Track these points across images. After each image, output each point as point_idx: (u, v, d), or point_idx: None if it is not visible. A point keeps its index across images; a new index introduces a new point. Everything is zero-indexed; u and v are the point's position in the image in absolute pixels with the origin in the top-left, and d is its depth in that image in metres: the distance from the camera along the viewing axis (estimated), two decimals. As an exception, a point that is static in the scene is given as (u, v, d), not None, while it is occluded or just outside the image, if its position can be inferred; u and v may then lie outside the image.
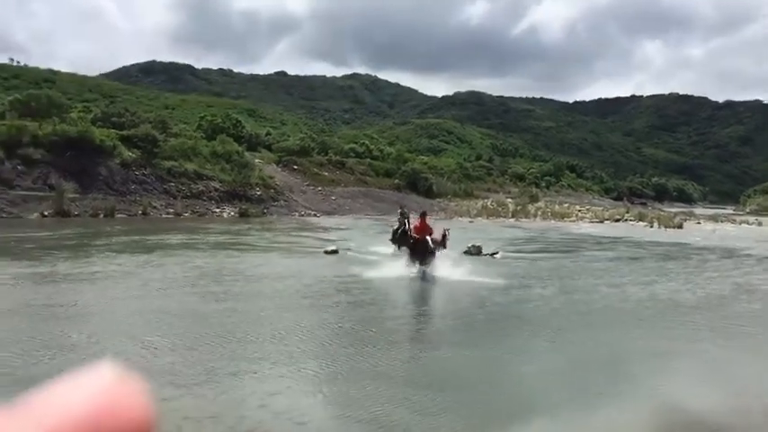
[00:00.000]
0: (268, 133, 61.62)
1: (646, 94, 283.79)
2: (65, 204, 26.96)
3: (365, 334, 8.44)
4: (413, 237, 14.02)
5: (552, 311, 10.56)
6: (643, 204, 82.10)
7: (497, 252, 19.06)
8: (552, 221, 40.90)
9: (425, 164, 62.15)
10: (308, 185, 43.55)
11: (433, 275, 13.23)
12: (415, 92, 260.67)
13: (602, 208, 59.18)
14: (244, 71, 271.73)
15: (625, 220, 42.63)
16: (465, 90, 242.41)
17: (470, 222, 36.28)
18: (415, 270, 13.46)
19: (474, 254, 18.07)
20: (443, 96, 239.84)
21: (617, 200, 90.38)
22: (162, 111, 70.65)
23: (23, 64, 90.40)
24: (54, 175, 28.44)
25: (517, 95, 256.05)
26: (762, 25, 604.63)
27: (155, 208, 30.45)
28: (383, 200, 46.18)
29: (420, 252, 13.66)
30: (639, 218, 42.56)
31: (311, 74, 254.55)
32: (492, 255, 18.60)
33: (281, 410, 5.52)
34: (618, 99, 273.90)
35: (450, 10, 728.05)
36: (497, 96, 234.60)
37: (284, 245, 19.91)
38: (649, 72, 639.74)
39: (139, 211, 29.42)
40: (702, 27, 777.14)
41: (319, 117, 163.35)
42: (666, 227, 35.98)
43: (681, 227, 36.31)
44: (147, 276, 12.54)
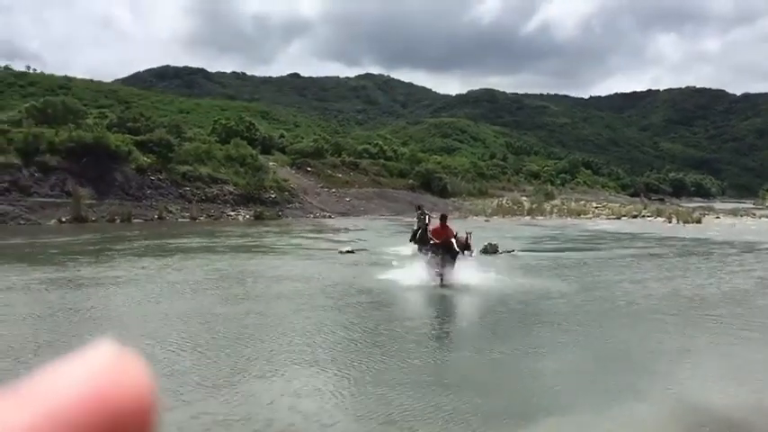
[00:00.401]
0: (282, 135, 61.88)
1: (662, 88, 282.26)
2: (82, 210, 27.29)
3: (388, 335, 8.43)
4: (434, 240, 12.83)
5: (575, 308, 10.48)
6: (660, 200, 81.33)
7: (513, 250, 19.03)
8: (568, 219, 40.66)
9: (439, 163, 62.05)
10: (322, 187, 43.67)
11: (454, 279, 12.30)
12: (429, 91, 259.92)
13: (618, 204, 58.65)
14: (257, 74, 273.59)
15: (642, 216, 42.26)
16: (478, 88, 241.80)
17: (486, 221, 36.19)
18: (436, 272, 12.41)
19: (491, 252, 18.04)
20: (457, 95, 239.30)
21: (633, 196, 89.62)
22: (176, 115, 71.34)
23: (39, 71, 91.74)
24: (71, 182, 28.80)
25: (531, 92, 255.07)
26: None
27: (170, 212, 30.70)
28: (397, 200, 46.18)
29: (443, 252, 12.51)
30: (657, 214, 42.13)
31: (324, 75, 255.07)
32: (509, 252, 18.58)
33: (310, 412, 5.53)
34: (634, 93, 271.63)
35: (463, 8, 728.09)
36: (511, 93, 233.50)
37: (301, 247, 19.98)
38: (665, 66, 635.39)
39: (155, 216, 29.70)
40: (718, 19, 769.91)
41: (333, 118, 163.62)
42: (685, 222, 35.59)
43: (700, 222, 35.90)
44: (170, 279, 12.68)
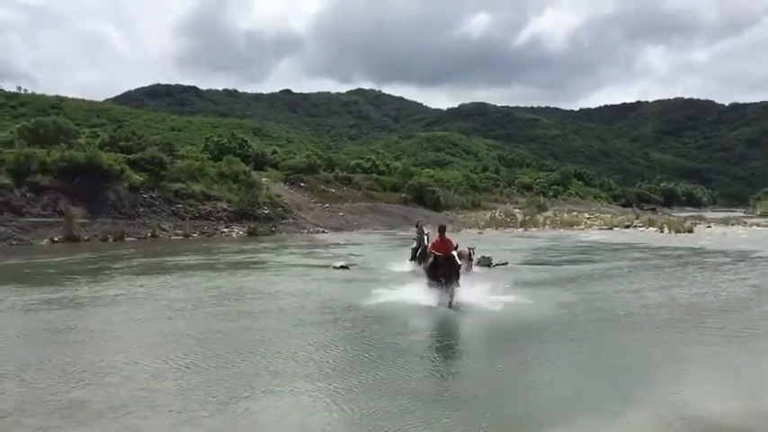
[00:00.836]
0: (274, 152, 61.98)
1: (651, 99, 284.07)
2: (74, 230, 27.16)
3: (391, 349, 8.44)
4: (435, 254, 12.08)
5: (574, 319, 10.54)
6: (652, 210, 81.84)
7: (507, 263, 19.09)
8: (561, 230, 40.89)
9: (432, 177, 62.30)
10: (315, 202, 43.69)
11: (458, 298, 11.43)
12: (420, 105, 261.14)
13: (610, 215, 59.02)
14: (248, 90, 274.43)
15: (634, 226, 42.51)
16: (469, 102, 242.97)
17: (479, 234, 36.29)
18: (438, 291, 11.60)
19: (484, 265, 18.04)
20: (448, 109, 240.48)
21: (625, 206, 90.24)
22: (168, 133, 71.35)
23: (30, 92, 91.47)
24: (63, 201, 28.70)
25: (522, 105, 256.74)
26: (765, 26, 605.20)
27: (164, 230, 30.59)
28: (391, 214, 46.27)
29: (445, 270, 11.70)
30: (649, 224, 42.42)
31: (316, 91, 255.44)
32: (503, 265, 18.62)
33: (318, 429, 5.56)
34: (623, 105, 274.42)
35: (452, 22, 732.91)
36: (502, 107, 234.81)
37: (296, 262, 19.96)
38: (654, 77, 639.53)
39: (149, 234, 29.58)
40: (705, 31, 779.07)
41: (325, 134, 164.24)
42: (677, 232, 35.83)
43: (691, 231, 36.15)
44: (170, 297, 12.67)
